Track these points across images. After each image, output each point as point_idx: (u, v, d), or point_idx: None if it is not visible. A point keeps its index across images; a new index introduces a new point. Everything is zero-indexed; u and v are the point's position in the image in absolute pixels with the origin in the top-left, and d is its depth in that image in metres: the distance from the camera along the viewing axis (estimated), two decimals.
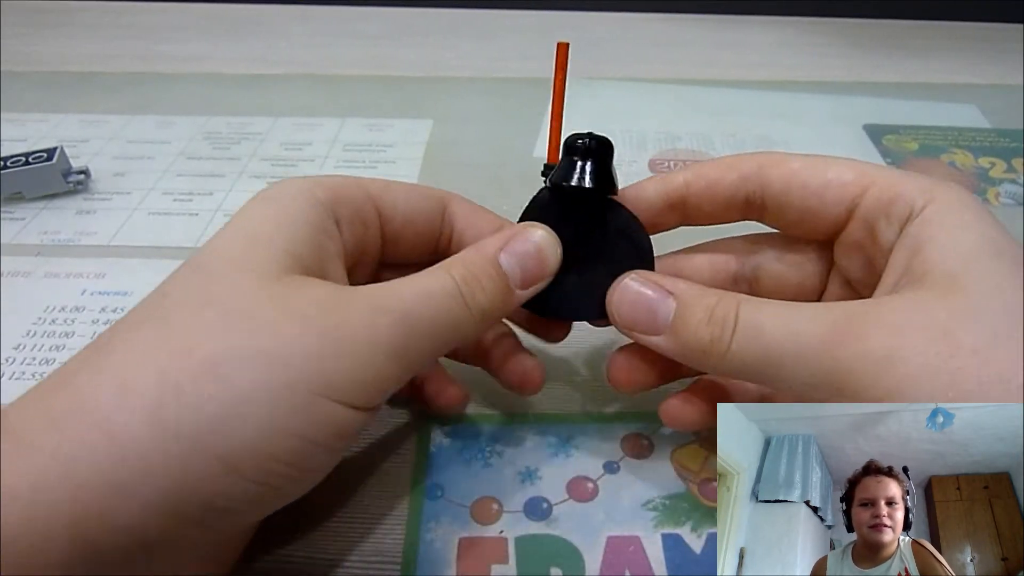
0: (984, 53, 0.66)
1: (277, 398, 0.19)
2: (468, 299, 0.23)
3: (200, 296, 0.21)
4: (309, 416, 0.20)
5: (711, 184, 0.27)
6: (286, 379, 0.19)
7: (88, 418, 0.19)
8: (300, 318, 0.20)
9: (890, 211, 0.24)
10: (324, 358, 0.20)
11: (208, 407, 0.19)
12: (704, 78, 0.61)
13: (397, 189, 0.27)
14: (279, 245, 0.22)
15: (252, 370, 0.19)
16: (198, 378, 0.19)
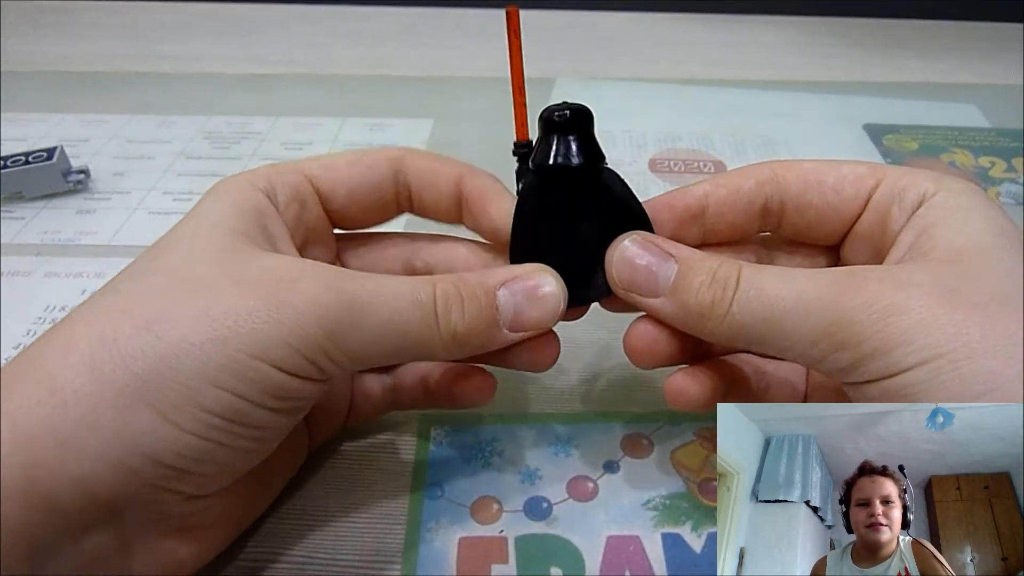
0: (984, 53, 0.66)
1: (208, 353, 0.20)
2: (440, 317, 0.23)
3: (148, 267, 0.22)
4: (240, 374, 0.20)
5: (732, 192, 0.27)
6: (217, 335, 0.20)
7: (34, 377, 0.20)
8: (241, 282, 0.21)
9: (903, 198, 0.25)
10: (257, 319, 0.20)
11: (141, 359, 0.20)
12: (704, 78, 0.61)
13: (339, 165, 0.27)
14: (226, 223, 0.23)
15: (185, 327, 0.20)
16: (133, 334, 0.20)
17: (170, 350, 0.20)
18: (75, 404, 0.19)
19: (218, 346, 0.20)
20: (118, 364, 0.19)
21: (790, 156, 0.50)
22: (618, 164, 0.50)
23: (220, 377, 0.20)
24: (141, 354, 0.20)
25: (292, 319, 0.21)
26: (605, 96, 0.59)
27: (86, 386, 0.19)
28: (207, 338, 0.20)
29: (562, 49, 0.67)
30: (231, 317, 0.20)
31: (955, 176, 0.25)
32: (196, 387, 0.20)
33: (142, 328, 0.20)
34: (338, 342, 0.21)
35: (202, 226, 0.23)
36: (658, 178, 0.48)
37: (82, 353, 0.20)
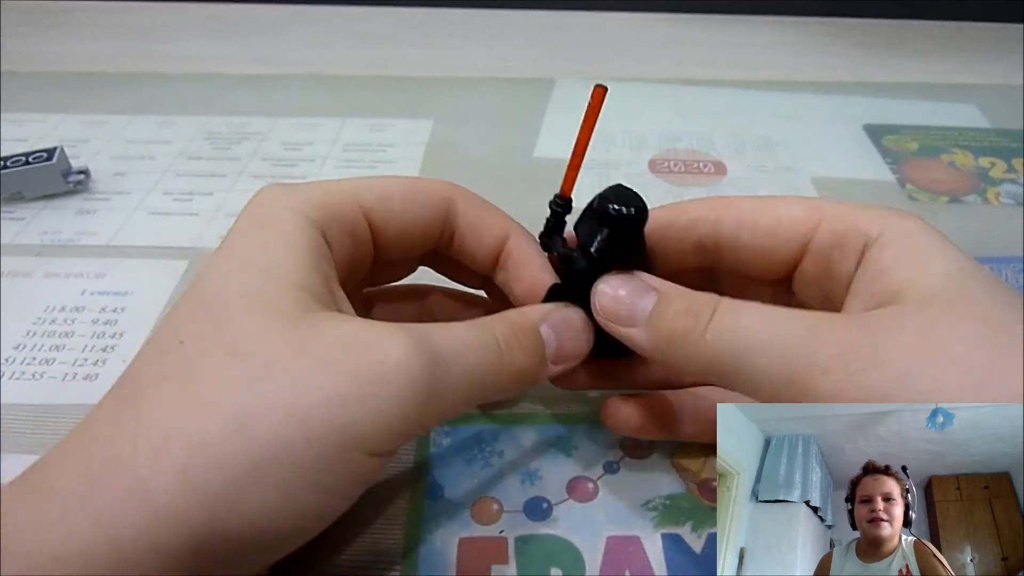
0: (984, 53, 0.66)
1: (301, 454, 0.19)
2: (506, 356, 0.23)
3: (220, 343, 0.20)
4: (332, 469, 0.20)
5: (663, 226, 0.27)
6: (309, 433, 0.19)
7: (124, 480, 0.19)
8: (324, 363, 0.20)
9: (844, 243, 0.24)
10: (349, 405, 0.19)
11: (234, 464, 0.19)
12: (704, 78, 0.61)
13: (395, 196, 0.26)
14: (289, 278, 0.22)
15: (276, 424, 0.19)
16: (224, 434, 0.19)
17: (263, 453, 0.19)
18: (168, 514, 0.18)
19: (312, 444, 0.19)
20: (210, 469, 0.19)
21: (789, 157, 0.50)
22: (618, 165, 0.50)
23: (312, 476, 0.19)
24: (233, 457, 0.19)
25: (385, 397, 0.20)
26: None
27: (179, 493, 0.18)
28: (300, 437, 0.19)
29: (562, 49, 0.67)
30: (321, 409, 0.19)
31: (901, 211, 0.24)
32: (287, 490, 0.19)
33: (233, 429, 0.19)
34: (430, 406, 0.21)
35: (266, 281, 0.22)
36: (658, 179, 0.48)
37: (173, 459, 0.19)
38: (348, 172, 0.49)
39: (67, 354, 0.34)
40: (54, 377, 0.33)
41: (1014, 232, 0.43)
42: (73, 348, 0.35)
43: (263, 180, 0.48)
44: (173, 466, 0.19)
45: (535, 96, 0.58)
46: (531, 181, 0.47)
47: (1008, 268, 0.40)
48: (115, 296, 0.38)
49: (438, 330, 0.22)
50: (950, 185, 0.48)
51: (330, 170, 0.49)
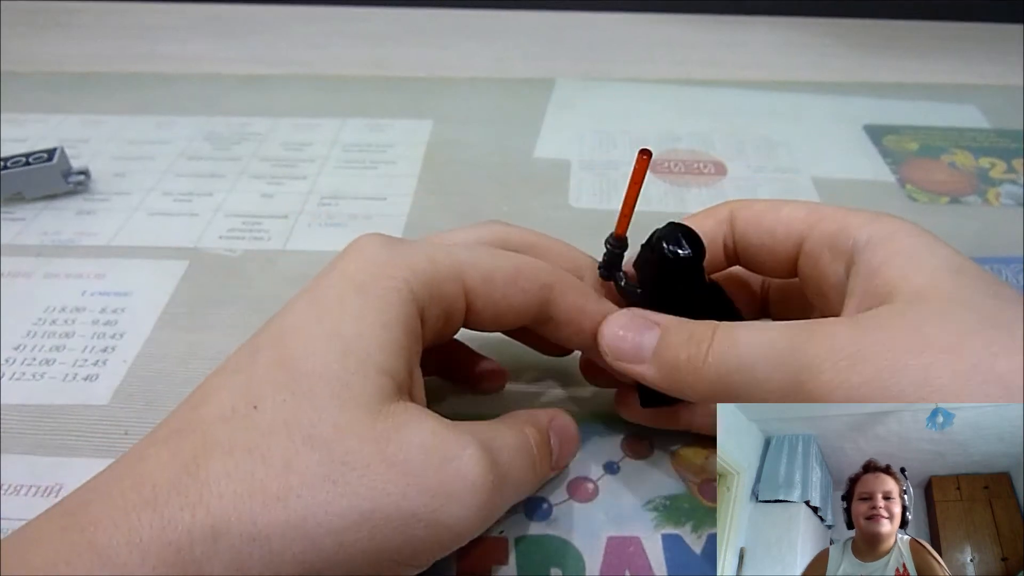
0: (984, 53, 0.66)
1: (357, 565, 0.19)
2: (539, 464, 0.25)
3: (298, 427, 0.20)
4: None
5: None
6: (370, 547, 0.19)
7: (179, 559, 0.18)
8: (402, 473, 0.20)
9: (834, 243, 0.25)
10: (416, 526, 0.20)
11: (289, 567, 0.19)
12: (704, 78, 0.61)
13: (498, 280, 0.25)
14: (377, 362, 0.21)
15: (341, 532, 0.19)
16: (286, 533, 0.19)
17: (321, 558, 0.19)
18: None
19: (369, 556, 0.19)
20: (267, 565, 0.18)
21: (790, 157, 0.50)
22: (618, 165, 0.50)
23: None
24: (292, 559, 0.18)
25: (451, 516, 0.20)
26: (605, 97, 0.59)
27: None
28: (361, 549, 0.19)
29: (562, 49, 0.67)
30: (391, 525, 0.19)
31: (893, 215, 0.25)
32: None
33: (296, 525, 0.19)
34: (485, 521, 0.22)
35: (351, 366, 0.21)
36: (658, 179, 0.48)
37: (231, 546, 0.18)
38: (348, 172, 0.49)
39: (67, 354, 0.34)
40: (54, 377, 0.33)
41: (1014, 232, 0.43)
42: (73, 348, 0.35)
43: (263, 180, 0.48)
44: (230, 555, 0.18)
45: (535, 96, 0.58)
46: (531, 181, 0.47)
47: (1008, 268, 0.40)
48: (115, 296, 0.38)
49: (495, 437, 0.23)
50: (950, 185, 0.48)
51: (330, 170, 0.49)
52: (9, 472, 0.29)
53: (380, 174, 0.48)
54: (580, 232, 0.28)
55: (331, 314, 0.22)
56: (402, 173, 0.48)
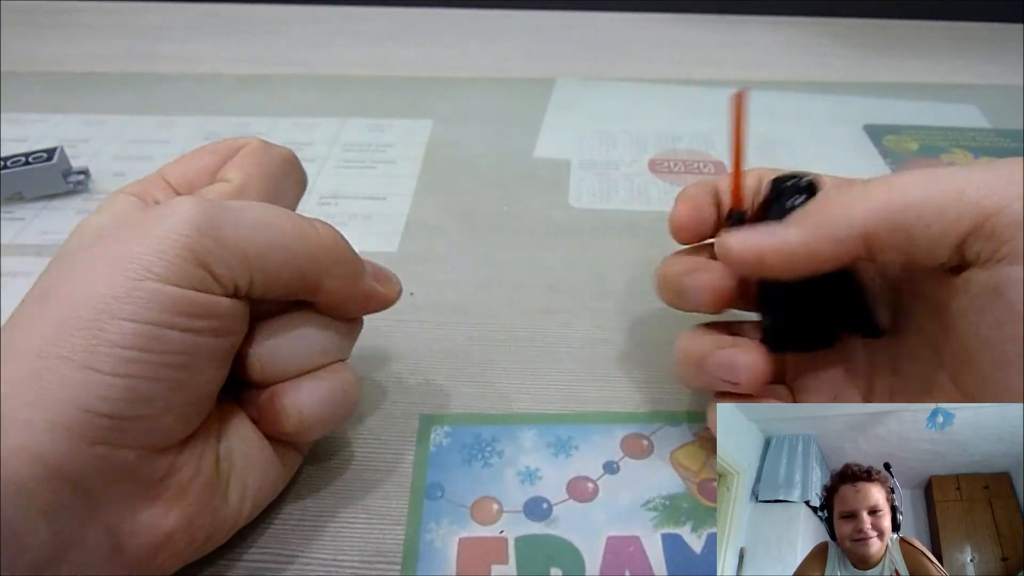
0: (984, 53, 0.66)
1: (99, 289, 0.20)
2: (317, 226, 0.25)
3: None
4: (135, 299, 0.20)
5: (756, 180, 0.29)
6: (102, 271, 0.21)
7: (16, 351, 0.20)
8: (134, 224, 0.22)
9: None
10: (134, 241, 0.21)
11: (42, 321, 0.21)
12: (704, 78, 0.61)
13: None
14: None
15: (78, 278, 0.21)
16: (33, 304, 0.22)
17: (66, 302, 0.21)
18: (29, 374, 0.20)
19: (105, 280, 0.20)
20: (26, 332, 0.20)
21: (790, 157, 0.50)
22: (618, 165, 0.50)
23: (117, 308, 0.20)
24: (40, 317, 0.21)
25: (165, 228, 0.21)
26: (605, 96, 0.59)
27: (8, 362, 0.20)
28: (95, 275, 0.21)
29: (562, 49, 0.67)
30: (111, 248, 0.21)
31: None
32: (99, 325, 0.20)
33: (40, 299, 0.22)
34: (215, 237, 0.22)
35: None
36: (658, 179, 0.48)
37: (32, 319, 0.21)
38: (348, 172, 0.49)
39: None
40: None
41: None
42: None
43: None
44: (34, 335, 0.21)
45: (535, 96, 0.58)
46: (531, 181, 0.47)
47: None
48: None
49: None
50: None
51: (330, 170, 0.49)
52: None
53: (380, 174, 0.48)
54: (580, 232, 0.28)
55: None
56: (402, 173, 0.48)
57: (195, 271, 0.21)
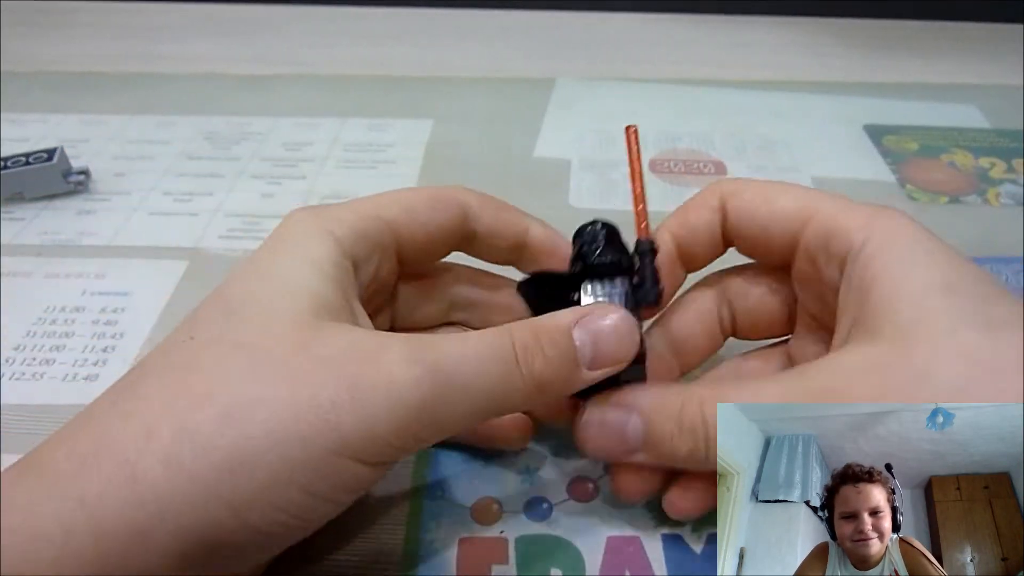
0: (984, 53, 0.66)
1: (288, 450, 0.19)
2: (523, 366, 0.22)
3: (227, 340, 0.21)
4: (319, 471, 0.19)
5: (691, 231, 0.27)
6: (298, 432, 0.19)
7: (112, 461, 0.19)
8: (323, 365, 0.20)
9: (828, 246, 0.24)
10: (340, 412, 0.19)
11: (221, 452, 0.19)
12: (704, 78, 0.61)
13: (418, 207, 0.26)
14: (306, 288, 0.22)
15: (266, 420, 0.19)
16: (213, 422, 0.19)
17: (251, 444, 0.19)
18: (153, 498, 0.18)
19: (299, 442, 0.19)
20: (198, 455, 0.19)
21: (790, 157, 0.50)
22: (618, 165, 0.50)
23: (298, 475, 0.19)
24: (223, 447, 0.19)
25: (377, 404, 0.20)
26: (605, 96, 0.59)
27: (164, 477, 0.19)
28: (290, 434, 0.19)
29: (562, 49, 0.67)
30: (314, 411, 0.19)
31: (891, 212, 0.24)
32: (272, 485, 0.19)
33: (223, 416, 0.19)
34: (425, 419, 0.20)
35: (280, 290, 0.22)
36: (658, 179, 0.48)
37: (163, 443, 0.19)
38: (348, 172, 0.49)
39: (67, 354, 0.34)
40: (54, 377, 0.33)
41: (1014, 232, 0.43)
42: (73, 348, 0.35)
43: (263, 180, 0.48)
44: (162, 450, 0.19)
45: (535, 96, 0.58)
46: (531, 181, 0.47)
47: (1008, 268, 0.40)
48: (115, 296, 0.38)
49: (446, 341, 0.22)
50: (950, 185, 0.48)
51: (330, 171, 0.49)
52: None
53: (380, 174, 0.48)
54: None
55: (261, 263, 0.23)
56: (402, 173, 0.48)
57: (391, 451, 0.20)
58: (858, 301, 0.23)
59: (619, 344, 0.23)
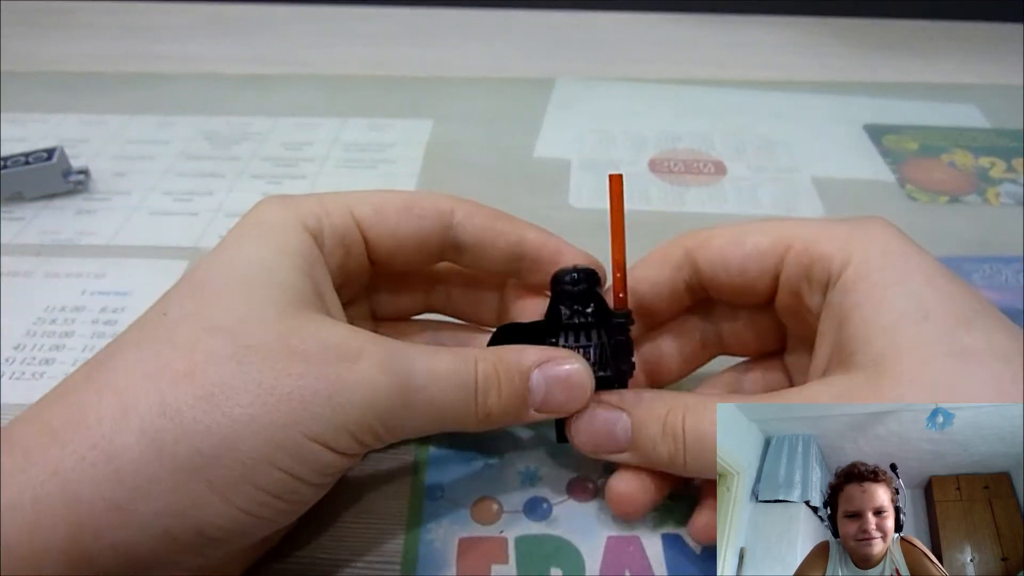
0: (984, 53, 0.66)
1: (269, 435, 0.20)
2: (480, 397, 0.23)
3: (204, 319, 0.21)
4: (297, 455, 0.20)
5: (653, 285, 0.27)
6: (279, 418, 0.20)
7: (88, 435, 0.19)
8: (304, 360, 0.21)
9: (810, 276, 0.24)
10: (318, 404, 0.20)
11: (205, 436, 0.19)
12: (704, 78, 0.61)
13: (389, 210, 0.26)
14: (278, 276, 0.23)
15: (250, 404, 0.20)
16: (196, 406, 0.19)
17: (234, 428, 0.19)
18: (132, 473, 0.19)
19: (280, 428, 0.20)
20: (180, 438, 0.19)
21: (789, 157, 0.50)
22: (618, 165, 0.50)
23: (279, 457, 0.20)
24: (205, 430, 0.19)
25: (350, 404, 0.21)
26: (605, 96, 0.59)
27: (145, 456, 0.19)
28: (270, 420, 0.20)
29: (562, 49, 0.67)
30: (295, 400, 0.20)
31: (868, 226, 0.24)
32: (255, 466, 0.20)
33: (205, 399, 0.19)
34: (388, 423, 0.22)
35: (259, 275, 0.22)
36: (658, 179, 0.48)
37: (142, 419, 0.19)
38: (348, 172, 0.49)
39: (67, 354, 0.34)
40: (54, 377, 0.33)
41: (1014, 232, 0.43)
42: (73, 348, 0.35)
43: (263, 180, 0.48)
44: (142, 429, 0.19)
45: (535, 96, 0.58)
46: (531, 181, 0.47)
47: (1008, 268, 0.40)
48: (115, 296, 0.38)
49: (420, 355, 0.23)
50: (950, 185, 0.48)
51: (330, 171, 0.49)
52: None
53: (380, 174, 0.48)
54: (580, 232, 0.28)
55: (232, 248, 0.24)
56: (402, 173, 0.48)
57: (356, 445, 0.21)
58: (835, 331, 0.23)
59: (569, 396, 0.25)
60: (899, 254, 0.23)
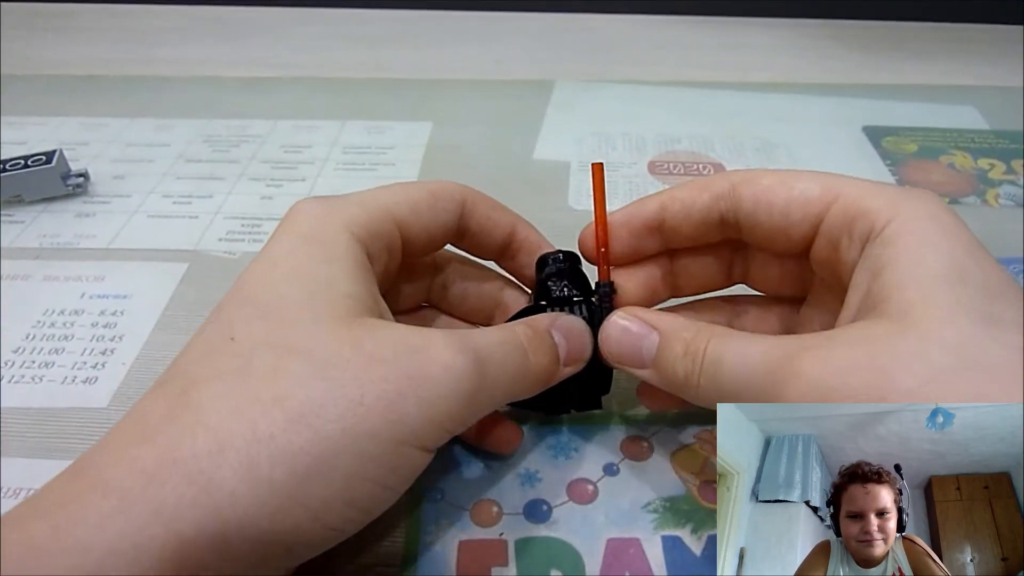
0: (983, 55, 0.66)
1: (362, 446, 0.20)
2: (532, 356, 0.24)
3: (277, 343, 0.21)
4: (389, 462, 0.21)
5: (686, 206, 0.27)
6: (370, 427, 0.20)
7: (185, 473, 0.19)
8: (383, 362, 0.21)
9: (852, 229, 0.24)
10: (405, 403, 0.20)
11: (299, 457, 0.19)
12: (704, 80, 0.61)
13: (422, 205, 0.27)
14: (339, 288, 0.23)
15: (339, 418, 0.20)
16: (289, 428, 0.19)
17: (327, 445, 0.19)
18: (230, 505, 0.19)
19: (371, 438, 0.20)
20: (276, 462, 0.19)
21: (789, 159, 0.50)
22: (617, 167, 0.50)
23: (370, 469, 0.20)
24: (299, 450, 0.19)
25: (437, 395, 0.21)
26: (604, 99, 0.59)
27: (243, 486, 0.19)
28: (362, 429, 0.20)
29: (561, 52, 0.67)
30: (383, 403, 0.20)
31: (918, 193, 0.24)
32: (348, 482, 0.20)
33: (295, 420, 0.19)
34: (472, 403, 0.22)
35: (315, 291, 0.22)
36: (657, 180, 0.48)
37: (238, 451, 0.19)
38: (348, 175, 0.49)
39: (66, 357, 0.34)
40: (53, 380, 0.33)
41: (1014, 233, 0.43)
42: (72, 351, 0.35)
43: (262, 183, 0.48)
44: (239, 461, 0.19)
45: (534, 98, 0.58)
46: (531, 183, 0.47)
47: (1008, 269, 0.40)
48: (114, 299, 0.38)
49: (476, 334, 0.24)
50: (949, 187, 0.48)
51: (329, 173, 0.49)
52: (8, 475, 0.29)
53: (379, 176, 0.48)
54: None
55: (285, 261, 0.23)
56: (401, 175, 0.48)
57: (446, 436, 0.22)
58: (869, 280, 0.23)
59: (582, 343, 0.27)
60: (945, 221, 0.23)
